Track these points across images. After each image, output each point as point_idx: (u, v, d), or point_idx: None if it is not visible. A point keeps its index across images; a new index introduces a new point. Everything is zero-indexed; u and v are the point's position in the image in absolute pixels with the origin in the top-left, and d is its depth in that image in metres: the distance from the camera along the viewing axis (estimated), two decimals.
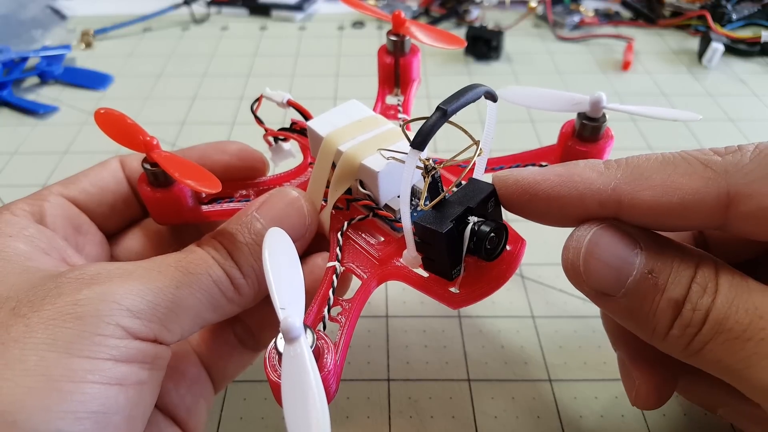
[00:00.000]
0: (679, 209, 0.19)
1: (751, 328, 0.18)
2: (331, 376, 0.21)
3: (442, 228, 0.22)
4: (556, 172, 0.22)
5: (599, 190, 0.21)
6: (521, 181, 0.22)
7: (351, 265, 0.26)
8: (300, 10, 0.75)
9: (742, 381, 0.19)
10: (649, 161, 0.20)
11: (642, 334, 0.21)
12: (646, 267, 0.20)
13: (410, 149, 0.21)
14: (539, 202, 0.22)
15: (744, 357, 0.18)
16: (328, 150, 0.27)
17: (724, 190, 0.19)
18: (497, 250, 0.23)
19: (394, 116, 0.34)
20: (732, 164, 0.19)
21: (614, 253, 0.20)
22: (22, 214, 0.25)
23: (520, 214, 0.23)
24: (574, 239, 0.21)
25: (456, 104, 0.21)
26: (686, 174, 0.20)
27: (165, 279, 0.22)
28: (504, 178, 0.23)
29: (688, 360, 0.20)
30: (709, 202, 0.19)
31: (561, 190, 0.21)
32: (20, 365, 0.18)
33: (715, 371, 0.20)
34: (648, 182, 0.20)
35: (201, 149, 0.30)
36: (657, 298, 0.20)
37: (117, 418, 0.20)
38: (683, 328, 0.19)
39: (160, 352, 0.22)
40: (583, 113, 0.28)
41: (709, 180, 0.19)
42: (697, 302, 0.19)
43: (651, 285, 0.20)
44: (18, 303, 0.20)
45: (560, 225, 0.23)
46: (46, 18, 0.75)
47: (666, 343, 0.20)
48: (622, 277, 0.20)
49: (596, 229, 0.21)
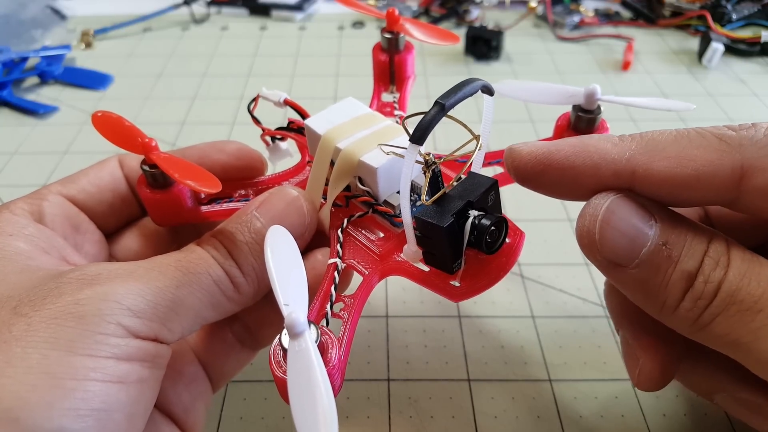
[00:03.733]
0: (693, 181, 0.20)
1: (763, 300, 0.18)
2: (336, 370, 0.21)
3: (443, 222, 0.22)
4: (570, 143, 0.22)
5: (614, 160, 0.21)
6: (535, 152, 0.22)
7: (352, 262, 0.26)
8: (300, 10, 0.75)
9: (749, 354, 0.19)
10: (663, 135, 0.21)
11: (651, 308, 0.21)
12: (660, 239, 0.20)
13: (409, 143, 0.21)
14: (553, 172, 0.22)
15: (754, 329, 0.18)
16: (327, 148, 0.27)
17: (738, 163, 0.19)
18: (497, 243, 0.23)
19: (390, 113, 0.34)
20: (747, 138, 0.19)
21: (630, 222, 0.20)
22: (21, 213, 0.25)
23: (533, 187, 0.23)
24: (591, 206, 0.21)
25: (454, 98, 0.21)
26: (701, 147, 0.20)
27: (165, 279, 0.22)
28: (517, 149, 0.22)
29: (695, 335, 0.20)
30: (722, 174, 0.19)
31: (576, 159, 0.21)
32: (23, 363, 0.19)
33: (721, 346, 0.20)
34: (663, 153, 0.20)
35: (199, 149, 0.30)
36: (670, 270, 0.20)
37: (118, 415, 0.20)
38: (694, 300, 0.19)
39: (160, 351, 0.22)
40: (578, 105, 0.28)
41: (723, 153, 0.19)
42: (709, 274, 0.19)
43: (665, 257, 0.20)
44: (19, 302, 0.20)
45: (572, 198, 0.22)
46: (46, 18, 0.75)
47: (675, 316, 0.20)
48: (636, 248, 0.20)
49: (614, 197, 0.21)
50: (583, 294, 0.38)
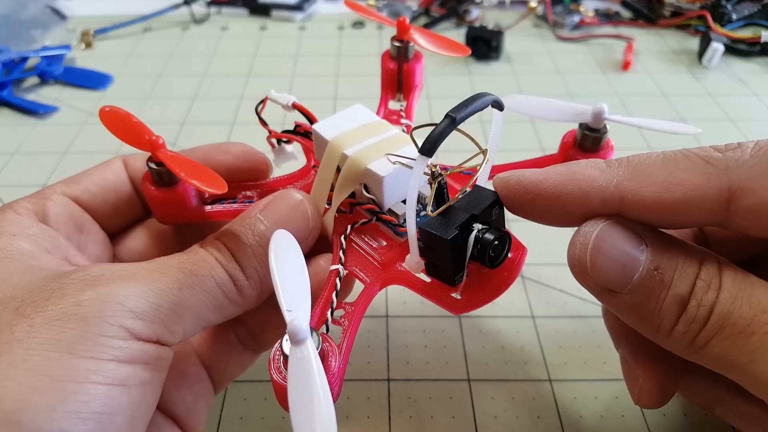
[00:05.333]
0: (681, 205, 0.20)
1: (755, 322, 0.18)
2: (335, 378, 0.21)
3: (447, 234, 0.22)
4: (558, 171, 0.22)
5: (602, 187, 0.21)
6: (523, 181, 0.22)
7: (354, 269, 0.26)
8: (300, 10, 0.75)
9: (745, 376, 0.19)
10: (650, 159, 0.21)
11: (646, 331, 0.21)
12: (652, 263, 0.20)
13: (418, 155, 0.21)
14: (541, 201, 0.22)
15: (748, 351, 0.18)
16: (333, 154, 0.27)
17: (726, 186, 0.19)
18: (500, 258, 0.24)
19: (396, 121, 0.34)
20: (733, 160, 0.19)
21: (621, 249, 0.20)
22: (25, 213, 0.25)
23: (523, 215, 0.23)
24: (581, 235, 0.21)
25: (465, 112, 0.21)
26: (688, 170, 0.20)
27: (168, 280, 0.22)
28: (506, 179, 0.23)
29: (691, 357, 0.20)
30: (710, 197, 0.19)
31: (563, 188, 0.21)
32: (24, 365, 0.19)
33: (718, 367, 0.20)
34: (650, 179, 0.20)
35: (204, 150, 0.30)
36: (663, 295, 0.20)
37: (119, 418, 0.20)
38: (688, 324, 0.19)
39: (162, 353, 0.22)
40: (585, 124, 0.28)
41: (710, 176, 0.19)
42: (701, 298, 0.19)
43: (657, 281, 0.20)
44: (22, 303, 0.20)
45: (562, 224, 0.23)
46: (46, 18, 0.75)
47: (670, 339, 0.20)
48: (628, 274, 0.20)
49: (603, 225, 0.21)
50: (583, 294, 0.38)
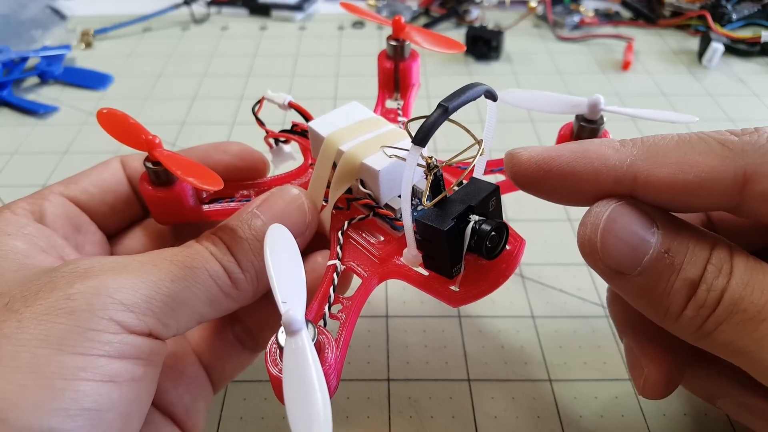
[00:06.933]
0: (695, 187, 0.19)
1: (766, 309, 0.18)
2: (332, 371, 0.21)
3: (444, 226, 0.22)
4: (570, 148, 0.21)
5: (615, 166, 0.20)
6: (535, 157, 0.22)
7: (351, 264, 0.26)
8: (300, 10, 0.75)
9: (753, 363, 0.19)
10: (665, 140, 0.20)
11: (654, 315, 0.21)
12: (662, 246, 0.20)
13: (412, 145, 0.21)
14: (553, 177, 0.21)
15: (757, 338, 0.18)
16: (329, 150, 0.27)
17: (741, 169, 0.19)
18: (498, 249, 0.23)
19: (394, 120, 0.34)
20: (749, 144, 0.19)
21: (632, 230, 0.20)
22: (22, 213, 0.25)
23: (533, 192, 0.23)
24: (593, 215, 0.21)
25: (457, 101, 0.21)
26: (703, 152, 0.19)
27: (160, 272, 0.22)
28: (517, 154, 0.22)
29: (698, 343, 0.20)
30: (725, 180, 0.19)
31: (576, 165, 0.21)
32: (12, 362, 0.18)
33: (725, 354, 0.20)
34: (664, 159, 0.20)
35: (202, 149, 0.30)
36: (672, 278, 0.20)
37: (110, 415, 0.20)
38: (697, 309, 0.19)
39: (155, 348, 0.22)
40: (581, 115, 0.28)
41: (725, 158, 0.19)
42: (712, 283, 0.19)
43: (667, 264, 0.20)
44: (11, 298, 0.20)
45: (573, 203, 0.22)
46: (46, 18, 0.75)
47: (678, 324, 0.20)
48: (638, 255, 0.20)
49: (615, 205, 0.20)
50: (583, 294, 0.38)
